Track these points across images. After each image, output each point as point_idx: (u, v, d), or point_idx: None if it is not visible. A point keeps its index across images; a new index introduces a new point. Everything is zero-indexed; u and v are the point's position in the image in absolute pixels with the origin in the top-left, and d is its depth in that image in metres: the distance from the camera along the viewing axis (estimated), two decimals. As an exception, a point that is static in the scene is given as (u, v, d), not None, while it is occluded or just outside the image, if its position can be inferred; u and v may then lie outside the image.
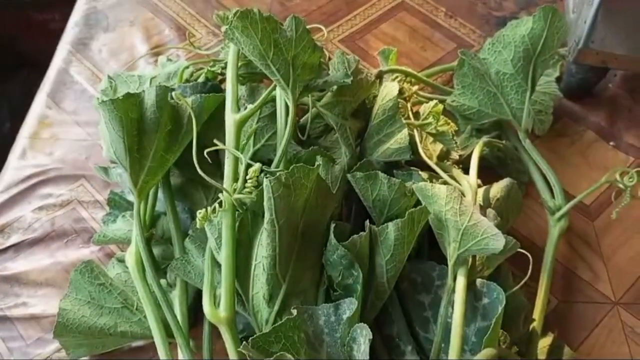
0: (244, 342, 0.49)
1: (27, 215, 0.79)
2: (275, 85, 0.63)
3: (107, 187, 0.80)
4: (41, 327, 0.69)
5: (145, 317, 0.61)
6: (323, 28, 0.76)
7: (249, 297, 0.57)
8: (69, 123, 0.90)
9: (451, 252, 0.55)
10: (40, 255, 0.75)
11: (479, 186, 0.67)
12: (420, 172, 0.66)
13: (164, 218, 0.69)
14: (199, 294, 0.60)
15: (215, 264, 0.58)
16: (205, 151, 0.56)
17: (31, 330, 0.69)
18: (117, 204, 0.73)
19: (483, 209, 0.62)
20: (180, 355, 0.58)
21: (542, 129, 0.84)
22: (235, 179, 0.58)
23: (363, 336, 0.49)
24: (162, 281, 0.64)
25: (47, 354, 0.67)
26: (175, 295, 0.63)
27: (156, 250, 0.68)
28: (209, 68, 0.79)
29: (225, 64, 0.74)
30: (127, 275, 0.66)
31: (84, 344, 0.64)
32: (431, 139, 0.74)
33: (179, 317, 0.61)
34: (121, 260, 0.68)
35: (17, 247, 0.76)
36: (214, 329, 0.59)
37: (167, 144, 0.63)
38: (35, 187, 0.82)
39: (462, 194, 0.58)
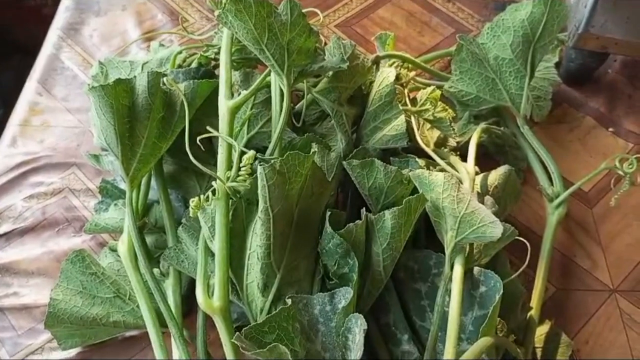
0: (237, 333, 0.48)
1: (17, 204, 0.78)
2: (269, 71, 0.62)
3: (98, 175, 0.79)
4: (33, 317, 0.68)
5: (138, 306, 0.61)
6: (319, 12, 0.75)
7: (243, 287, 0.57)
8: (59, 110, 0.88)
9: (448, 240, 0.55)
10: (31, 245, 0.74)
11: (477, 173, 0.67)
12: (417, 159, 0.65)
13: (157, 206, 0.69)
14: (192, 283, 0.59)
15: (209, 252, 0.58)
16: (199, 138, 0.55)
17: (22, 320, 0.68)
18: (109, 192, 0.72)
19: (481, 197, 0.62)
20: (173, 345, 0.57)
21: (540, 115, 0.83)
22: (229, 167, 0.57)
23: (358, 326, 0.49)
24: (155, 270, 0.63)
25: (39, 344, 0.66)
26: (169, 285, 0.63)
27: (149, 239, 0.67)
28: (202, 53, 0.78)
29: (219, 49, 0.72)
30: (119, 264, 0.65)
31: (76, 335, 0.64)
32: (428, 125, 0.73)
33: (172, 307, 0.61)
34: (113, 250, 0.67)
35: (8, 236, 0.75)
36: (208, 319, 0.58)
37: (159, 131, 0.62)
38: (25, 175, 0.81)
39: (460, 181, 0.57)
